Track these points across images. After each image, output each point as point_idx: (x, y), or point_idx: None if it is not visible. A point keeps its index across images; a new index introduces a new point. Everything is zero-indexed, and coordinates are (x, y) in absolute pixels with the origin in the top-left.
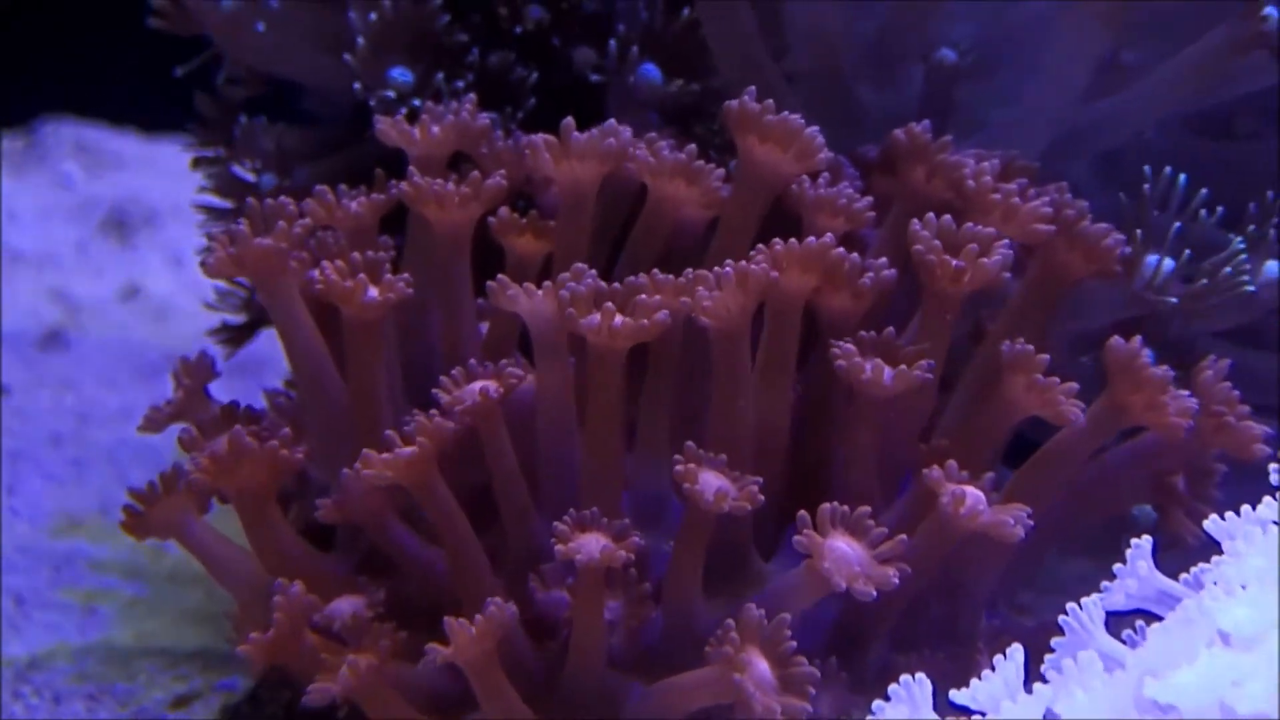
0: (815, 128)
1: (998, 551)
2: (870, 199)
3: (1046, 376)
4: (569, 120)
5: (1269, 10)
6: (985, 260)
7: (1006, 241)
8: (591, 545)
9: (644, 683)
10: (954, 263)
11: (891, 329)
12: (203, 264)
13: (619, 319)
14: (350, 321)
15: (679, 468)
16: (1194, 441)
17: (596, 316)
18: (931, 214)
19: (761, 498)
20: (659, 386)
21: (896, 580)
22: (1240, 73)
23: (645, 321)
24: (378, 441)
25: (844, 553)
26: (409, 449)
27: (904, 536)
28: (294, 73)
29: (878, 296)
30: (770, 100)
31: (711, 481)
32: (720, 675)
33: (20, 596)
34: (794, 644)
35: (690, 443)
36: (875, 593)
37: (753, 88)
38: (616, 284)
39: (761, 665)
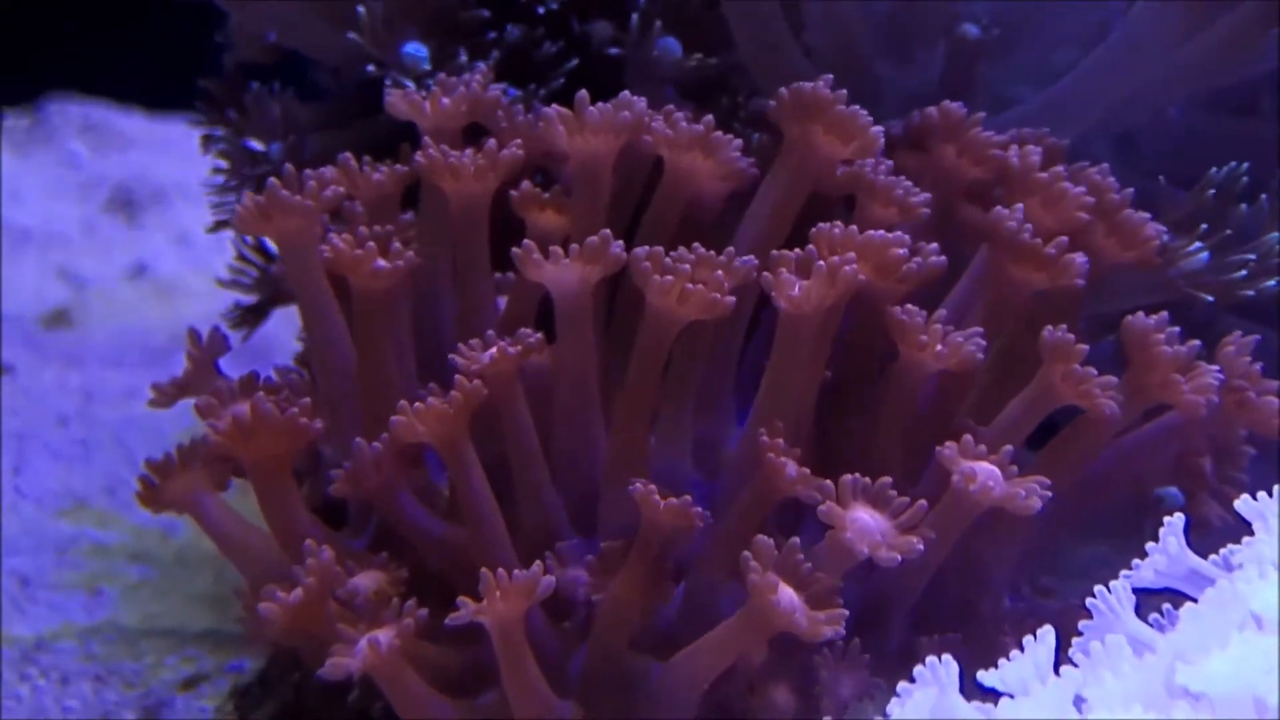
0: (880, 128)
1: (1017, 530)
2: (927, 195)
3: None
4: (583, 93)
5: None
6: (1073, 257)
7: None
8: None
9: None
10: (1041, 247)
11: (944, 312)
12: (234, 221)
13: (690, 285)
14: (358, 292)
15: (763, 438)
16: (1216, 419)
17: (669, 277)
18: (1020, 205)
19: (825, 482)
20: (691, 365)
21: (921, 547)
22: (1266, 49)
23: (716, 296)
24: (386, 415)
25: (866, 523)
26: (443, 404)
27: (924, 503)
28: (303, 45)
29: (921, 284)
30: (844, 90)
31: (791, 463)
32: (748, 614)
33: (25, 578)
34: (809, 565)
35: (777, 420)
36: (899, 558)
37: (829, 75)
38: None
39: (787, 591)
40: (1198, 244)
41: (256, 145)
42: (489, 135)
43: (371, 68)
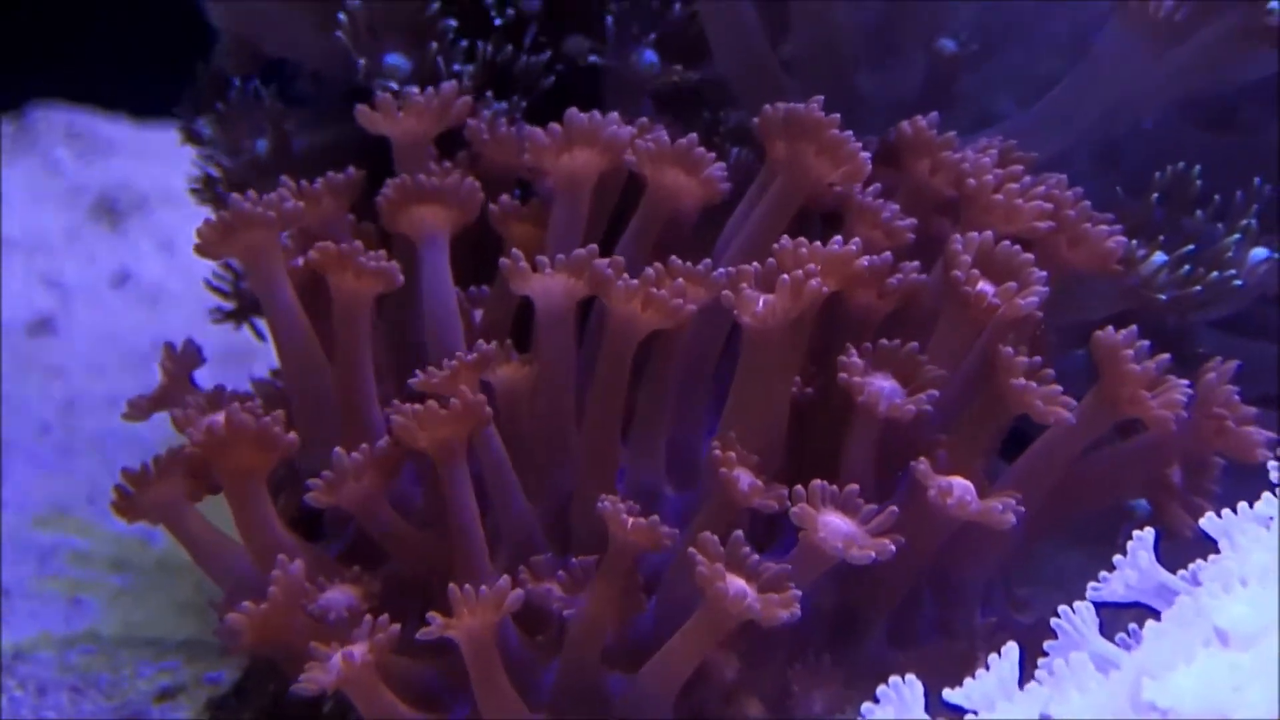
0: (869, 154)
1: (990, 545)
2: (913, 220)
3: (1032, 374)
4: (572, 110)
5: (1274, 5)
6: (1020, 301)
7: (1044, 276)
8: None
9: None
10: (989, 298)
11: (915, 344)
12: (195, 246)
13: (654, 291)
14: (340, 296)
15: (716, 453)
16: (1193, 442)
17: (632, 283)
18: (974, 234)
19: (789, 502)
20: (663, 378)
21: (893, 549)
22: (1245, 62)
23: (679, 301)
24: (362, 426)
25: (837, 524)
26: (444, 411)
27: (894, 508)
28: (285, 47)
29: (904, 299)
30: (837, 114)
31: (744, 475)
32: (702, 609)
33: (5, 587)
34: (756, 556)
35: (731, 432)
36: (873, 556)
37: (820, 98)
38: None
39: (736, 580)
40: (1160, 254)
41: (243, 143)
42: (466, 151)
43: (361, 62)
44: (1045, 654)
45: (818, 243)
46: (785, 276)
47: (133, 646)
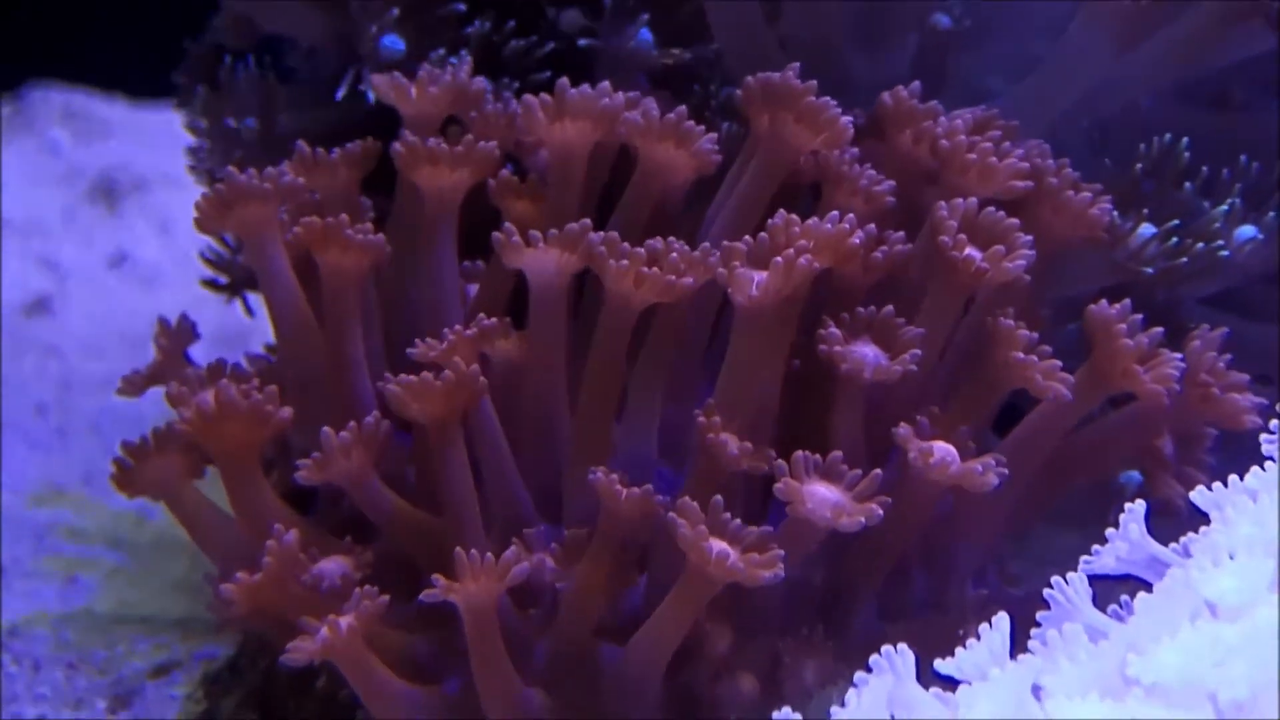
0: (849, 118)
1: (981, 516)
2: (892, 184)
3: (1031, 348)
4: (564, 80)
5: None
6: (1008, 264)
7: (1030, 240)
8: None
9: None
10: (977, 262)
11: (891, 308)
12: (194, 222)
13: (646, 269)
14: (328, 272)
15: (701, 419)
16: (1180, 412)
17: (624, 261)
18: (959, 201)
19: (779, 461)
20: (658, 355)
21: (881, 513)
22: (1236, 40)
23: (672, 278)
24: (352, 400)
25: (823, 494)
26: (437, 383)
27: (878, 471)
28: (280, 23)
29: (887, 272)
30: (814, 81)
31: (731, 440)
32: (687, 573)
33: (1, 565)
34: (738, 522)
35: (711, 400)
36: (863, 522)
37: (796, 65)
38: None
39: (719, 542)
40: (1147, 226)
41: (230, 122)
42: (458, 125)
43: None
44: (1037, 625)
45: (812, 219)
46: (778, 258)
47: (128, 623)
